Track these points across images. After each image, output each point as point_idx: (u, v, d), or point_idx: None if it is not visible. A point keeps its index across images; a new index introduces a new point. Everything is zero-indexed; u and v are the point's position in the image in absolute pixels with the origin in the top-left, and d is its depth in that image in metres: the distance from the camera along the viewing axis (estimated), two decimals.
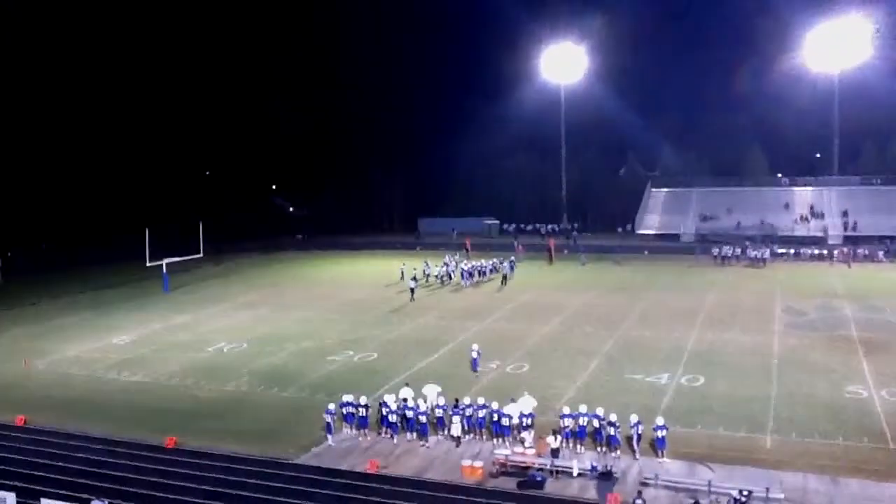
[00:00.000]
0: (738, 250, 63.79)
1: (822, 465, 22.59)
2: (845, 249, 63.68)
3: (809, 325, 40.27)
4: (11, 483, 22.14)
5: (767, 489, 20.65)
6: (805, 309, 43.79)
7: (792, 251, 65.25)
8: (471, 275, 55.65)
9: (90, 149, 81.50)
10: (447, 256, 61.17)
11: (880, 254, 62.27)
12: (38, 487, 22.09)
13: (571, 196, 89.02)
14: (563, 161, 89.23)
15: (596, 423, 24.27)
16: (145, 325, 45.29)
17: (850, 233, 71.71)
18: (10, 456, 25.39)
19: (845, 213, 74.48)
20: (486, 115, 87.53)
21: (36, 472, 23.77)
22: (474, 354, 33.89)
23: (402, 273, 56.92)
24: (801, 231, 73.69)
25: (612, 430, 23.94)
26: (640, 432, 23.72)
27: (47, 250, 67.69)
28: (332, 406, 26.22)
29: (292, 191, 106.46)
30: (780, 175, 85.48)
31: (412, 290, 51.22)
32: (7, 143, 73.33)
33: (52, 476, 23.54)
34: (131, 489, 22.89)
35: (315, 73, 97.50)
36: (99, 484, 23.04)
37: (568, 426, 24.53)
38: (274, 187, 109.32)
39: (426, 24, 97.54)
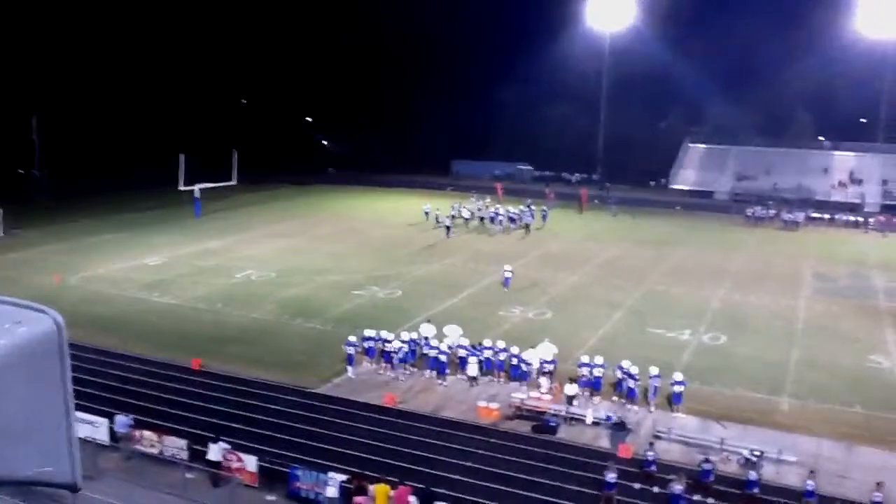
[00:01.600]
0: (772, 212, 62.89)
1: (837, 432, 22.62)
2: (882, 218, 62.46)
3: (838, 292, 39.81)
4: None
5: (780, 451, 20.77)
6: (835, 275, 43.26)
7: (827, 216, 64.22)
8: (500, 220, 55.41)
9: (129, 73, 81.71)
10: (465, 201, 60.25)
11: None
12: None
13: (608, 147, 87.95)
14: (601, 111, 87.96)
15: (619, 374, 24.42)
16: (175, 249, 45.90)
17: (887, 201, 70.31)
18: None
19: (885, 182, 72.95)
20: (529, 61, 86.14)
21: None
22: (507, 274, 37.86)
23: (427, 214, 56.84)
24: (837, 197, 72.36)
25: (631, 383, 24.10)
26: (657, 385, 23.86)
27: (86, 171, 68.40)
28: (352, 338, 26.59)
29: (328, 125, 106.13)
30: (822, 138, 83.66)
31: (448, 227, 51.72)
32: (55, 67, 73.86)
33: (77, 388, 24.20)
34: (156, 407, 23.57)
35: (359, 10, 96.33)
36: (124, 399, 23.73)
37: (585, 375, 24.74)
38: (310, 120, 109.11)
39: None
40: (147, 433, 21.39)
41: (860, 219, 63.39)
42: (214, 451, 20.04)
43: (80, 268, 40.86)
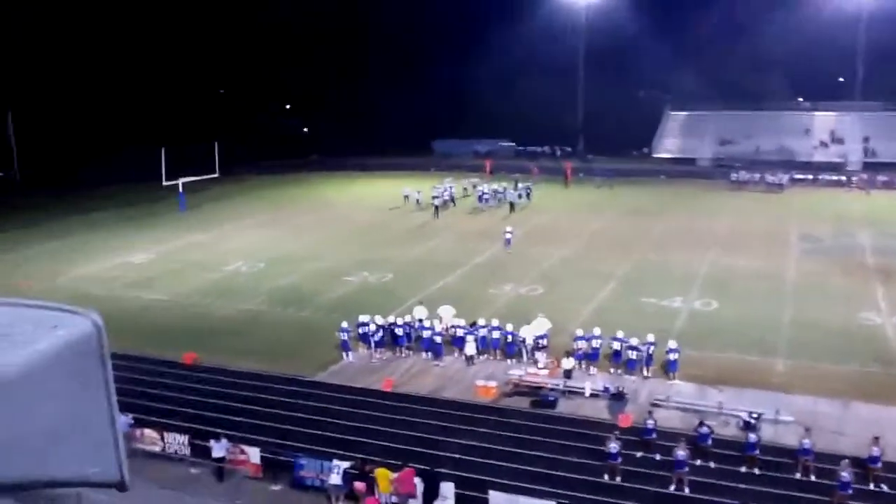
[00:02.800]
0: (756, 175, 63.21)
1: (832, 390, 22.87)
2: (864, 176, 62.91)
3: (825, 251, 40.12)
4: None
5: (777, 411, 21.00)
6: (821, 235, 43.58)
7: (810, 177, 64.58)
8: (487, 199, 55.38)
9: (105, 66, 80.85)
10: (447, 181, 60.05)
11: None
12: None
13: (589, 119, 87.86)
14: (580, 83, 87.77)
15: (617, 346, 24.53)
16: (162, 244, 45.68)
17: (869, 159, 70.71)
18: None
19: (866, 139, 73.32)
20: (505, 35, 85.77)
21: None
22: (508, 235, 41.29)
23: (407, 197, 56.18)
24: (820, 157, 72.71)
25: (632, 354, 24.25)
26: (650, 352, 24.02)
27: (63, 168, 67.80)
28: (345, 324, 26.58)
29: (307, 111, 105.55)
30: (800, 99, 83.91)
31: (436, 207, 51.86)
32: (29, 64, 72.94)
33: None
34: (154, 404, 23.52)
35: None
36: (121, 399, 23.50)
37: (581, 348, 24.86)
38: (288, 107, 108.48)
39: None
40: (148, 431, 21.37)
41: (843, 178, 63.82)
42: (218, 449, 20.05)
43: (66, 269, 40.58)
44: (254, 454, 20.02)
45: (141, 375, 25.74)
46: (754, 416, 20.60)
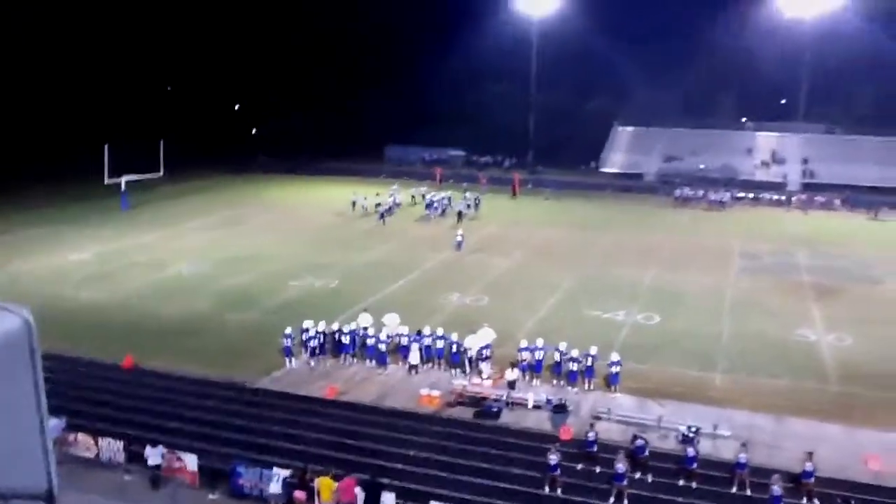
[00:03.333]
0: (700, 192, 64.47)
1: (768, 405, 23.39)
2: (803, 196, 64.67)
3: (764, 269, 41.10)
4: None
5: (715, 426, 21.38)
6: (761, 253, 44.63)
7: (751, 196, 66.08)
8: (435, 207, 55.40)
9: (50, 61, 78.88)
10: (393, 187, 59.98)
11: (836, 202, 63.33)
12: None
13: (540, 131, 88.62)
14: (531, 96, 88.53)
15: (557, 357, 24.72)
16: (104, 244, 44.63)
17: (808, 180, 72.67)
18: None
19: (805, 161, 75.34)
20: (459, 45, 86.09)
21: None
22: (459, 238, 43.43)
23: (354, 203, 55.44)
24: (761, 176, 74.44)
25: (573, 365, 24.45)
26: (591, 365, 24.26)
27: (5, 165, 65.74)
28: (289, 330, 26.28)
29: (256, 111, 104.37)
30: (744, 119, 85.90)
31: (382, 214, 51.93)
32: None
33: None
34: (89, 409, 22.91)
35: None
36: (55, 402, 22.91)
37: (525, 359, 24.99)
38: (237, 107, 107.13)
39: None
40: (81, 436, 20.78)
41: (783, 197, 65.44)
42: (154, 455, 19.59)
43: (3, 264, 39.37)
44: (191, 462, 19.61)
45: (75, 378, 25.09)
46: (693, 430, 20.94)
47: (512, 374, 23.98)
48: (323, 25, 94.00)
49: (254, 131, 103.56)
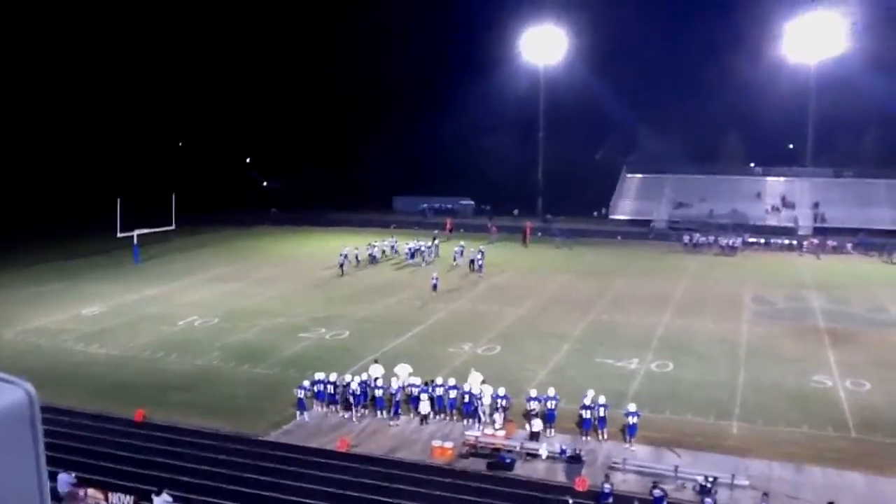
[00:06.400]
0: (710, 238, 64.33)
1: (786, 453, 22.98)
2: (815, 240, 64.36)
3: (778, 314, 40.76)
4: None
5: (733, 476, 21.00)
6: (774, 298, 44.31)
7: (762, 241, 65.89)
8: (422, 251, 56.04)
9: (61, 117, 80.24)
10: (388, 240, 60.31)
11: (848, 246, 62.98)
12: None
13: (548, 179, 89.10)
14: (540, 143, 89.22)
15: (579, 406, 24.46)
16: (115, 297, 44.77)
17: (819, 224, 72.49)
18: None
19: (816, 205, 75.26)
20: (466, 95, 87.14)
21: None
22: (434, 281, 45.10)
23: (346, 256, 52.87)
24: (772, 221, 74.35)
25: (585, 413, 24.18)
26: (601, 415, 23.97)
27: (20, 220, 66.48)
28: (306, 382, 26.23)
29: (267, 165, 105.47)
30: (752, 164, 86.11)
31: (373, 256, 55.39)
32: None
33: None
34: (99, 463, 22.75)
35: (294, 49, 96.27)
36: (65, 457, 22.82)
37: (534, 409, 24.73)
38: (248, 160, 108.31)
39: (407, 2, 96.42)
40: (91, 491, 20.59)
41: (794, 242, 65.22)
42: None
43: (15, 321, 39.45)
44: None
45: (86, 432, 24.96)
46: (710, 479, 20.57)
47: (537, 424, 23.76)
48: (332, 78, 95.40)
49: (265, 184, 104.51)
